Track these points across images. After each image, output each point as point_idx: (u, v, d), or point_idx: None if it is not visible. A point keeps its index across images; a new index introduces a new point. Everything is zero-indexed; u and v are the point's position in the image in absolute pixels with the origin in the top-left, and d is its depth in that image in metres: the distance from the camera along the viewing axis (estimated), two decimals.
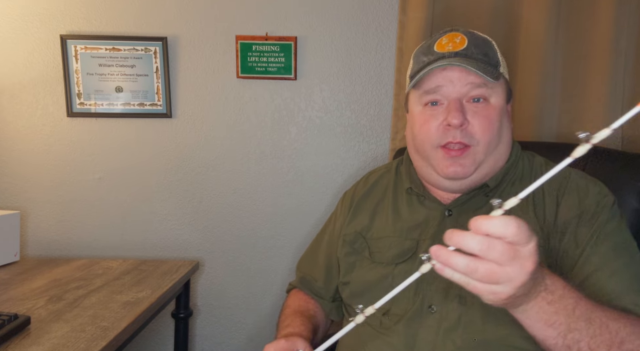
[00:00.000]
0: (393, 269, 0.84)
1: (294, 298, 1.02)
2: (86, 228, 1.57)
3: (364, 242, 0.92)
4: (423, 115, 0.84)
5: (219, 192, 1.56)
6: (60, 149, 1.54)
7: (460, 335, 0.75)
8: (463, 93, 0.80)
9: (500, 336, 0.74)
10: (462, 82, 0.80)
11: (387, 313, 0.82)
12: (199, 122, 1.54)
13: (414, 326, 0.78)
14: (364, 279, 0.88)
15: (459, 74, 0.79)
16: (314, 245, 1.07)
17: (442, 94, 0.81)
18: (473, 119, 0.80)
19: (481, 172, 0.82)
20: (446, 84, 0.80)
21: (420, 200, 0.90)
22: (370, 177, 1.02)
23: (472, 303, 0.76)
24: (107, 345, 0.89)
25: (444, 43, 0.83)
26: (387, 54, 1.50)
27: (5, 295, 1.13)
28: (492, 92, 0.81)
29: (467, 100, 0.81)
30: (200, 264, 1.58)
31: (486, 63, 0.81)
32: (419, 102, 0.85)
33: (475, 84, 0.80)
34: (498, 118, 0.81)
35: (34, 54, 1.51)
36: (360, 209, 0.97)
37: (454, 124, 0.78)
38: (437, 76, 0.81)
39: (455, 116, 0.78)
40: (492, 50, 0.84)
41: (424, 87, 0.83)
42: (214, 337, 1.61)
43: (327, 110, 1.53)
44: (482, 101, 0.81)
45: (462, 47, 0.81)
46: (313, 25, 1.50)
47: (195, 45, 1.51)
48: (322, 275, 1.01)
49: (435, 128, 0.81)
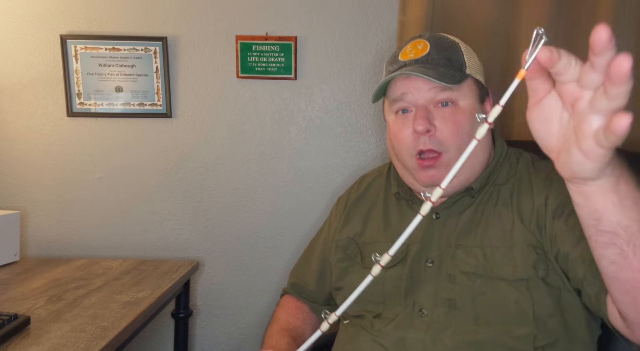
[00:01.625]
0: (384, 274, 0.84)
1: (284, 312, 1.03)
2: (86, 228, 1.57)
3: (356, 248, 0.92)
4: (396, 124, 0.85)
5: (219, 192, 1.56)
6: (60, 149, 1.54)
7: (450, 335, 0.76)
8: (428, 99, 0.81)
9: (492, 337, 0.75)
10: (425, 87, 0.80)
11: (378, 316, 0.83)
12: (199, 122, 1.54)
13: (404, 327, 0.79)
14: (356, 284, 0.88)
15: (422, 80, 0.80)
16: (308, 251, 1.08)
17: (409, 101, 0.82)
18: (441, 125, 0.80)
19: (460, 176, 0.81)
20: (410, 90, 0.81)
21: (409, 204, 0.90)
22: (363, 182, 1.03)
23: (463, 306, 0.77)
24: (107, 345, 0.89)
25: (408, 51, 0.85)
26: (387, 54, 1.49)
27: (5, 295, 1.13)
28: (459, 95, 0.81)
29: (435, 105, 0.81)
30: (200, 264, 1.58)
31: (448, 67, 0.81)
32: (391, 111, 0.86)
33: (439, 88, 0.80)
34: (468, 120, 0.81)
35: (34, 54, 1.51)
36: (353, 215, 0.98)
37: (419, 131, 0.79)
38: (402, 84, 0.82)
39: (419, 123, 0.78)
40: (456, 53, 0.83)
41: (391, 95, 0.84)
42: (214, 337, 1.61)
43: (327, 110, 1.53)
44: (450, 104, 0.81)
45: (423, 54, 0.82)
46: (313, 25, 1.50)
47: (195, 45, 1.51)
48: (314, 281, 1.02)
49: (408, 137, 0.82)
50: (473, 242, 0.80)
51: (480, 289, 0.76)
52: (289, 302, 1.05)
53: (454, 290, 0.78)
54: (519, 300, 0.74)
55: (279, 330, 0.96)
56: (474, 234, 0.81)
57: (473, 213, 0.83)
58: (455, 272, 0.79)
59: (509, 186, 0.84)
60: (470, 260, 0.78)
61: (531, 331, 0.74)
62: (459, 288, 0.77)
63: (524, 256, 0.76)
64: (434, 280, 0.80)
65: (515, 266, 0.75)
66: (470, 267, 0.78)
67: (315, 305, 1.02)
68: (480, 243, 0.79)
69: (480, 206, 0.83)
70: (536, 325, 0.74)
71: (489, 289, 0.76)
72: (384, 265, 0.61)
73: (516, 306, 0.74)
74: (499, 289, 0.75)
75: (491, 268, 0.77)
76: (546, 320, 0.74)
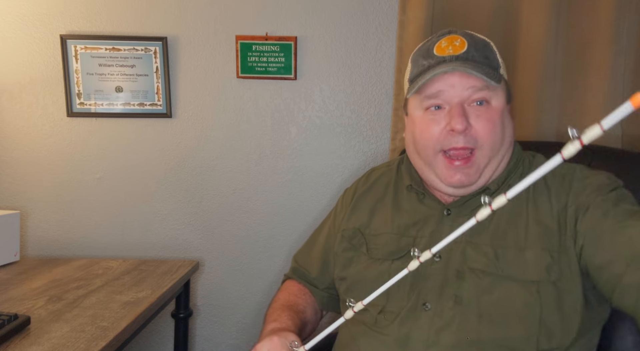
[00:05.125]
0: (389, 265, 0.85)
1: (285, 292, 1.02)
2: (86, 228, 1.57)
3: (362, 238, 0.92)
4: (424, 120, 0.83)
5: (219, 192, 1.56)
6: (60, 149, 1.54)
7: (453, 332, 0.75)
8: (465, 97, 0.80)
9: (496, 338, 0.74)
10: (464, 85, 0.79)
11: (382, 311, 0.82)
12: (198, 122, 1.54)
13: (407, 324, 0.78)
14: (361, 275, 0.88)
15: (460, 78, 0.79)
16: (312, 238, 1.07)
17: (444, 99, 0.80)
18: (476, 123, 0.79)
19: (485, 176, 0.82)
20: (447, 88, 0.80)
21: (420, 198, 0.90)
22: (372, 175, 1.02)
23: (468, 303, 0.76)
24: (107, 345, 0.89)
25: (444, 46, 0.82)
26: (387, 54, 1.50)
27: (5, 295, 1.13)
28: (493, 95, 0.81)
29: (469, 104, 0.80)
30: (200, 264, 1.58)
31: (487, 66, 0.80)
32: (420, 107, 0.84)
33: (476, 87, 0.79)
34: (500, 120, 0.81)
35: (34, 54, 1.51)
36: (360, 206, 0.97)
37: (458, 129, 0.77)
38: (439, 81, 0.80)
39: (459, 121, 0.77)
40: (492, 52, 0.83)
41: (425, 92, 0.82)
42: (214, 337, 1.61)
43: (327, 110, 1.53)
44: (484, 104, 0.80)
45: (463, 50, 0.81)
46: (313, 25, 1.50)
47: (195, 45, 1.51)
48: (317, 269, 1.02)
49: (437, 133, 0.81)
50: (484, 240, 0.79)
51: (488, 287, 0.75)
52: (290, 285, 1.04)
53: (461, 286, 0.77)
54: (527, 301, 0.73)
55: (279, 307, 0.95)
56: (486, 233, 0.80)
57: None
58: (464, 269, 0.78)
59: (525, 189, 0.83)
60: (481, 258, 0.78)
61: (535, 334, 0.73)
62: (467, 284, 0.77)
63: (537, 259, 0.75)
64: (440, 275, 0.80)
65: (527, 268, 0.74)
66: (480, 264, 0.77)
67: (315, 290, 1.01)
68: (492, 242, 0.79)
69: None
70: (541, 328, 0.73)
71: (497, 288, 0.75)
72: (422, 261, 0.60)
73: (523, 307, 0.74)
74: (508, 289, 0.75)
75: (502, 267, 0.76)
76: (552, 324, 0.74)
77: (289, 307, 0.95)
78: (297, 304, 0.97)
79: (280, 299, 0.99)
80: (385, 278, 0.83)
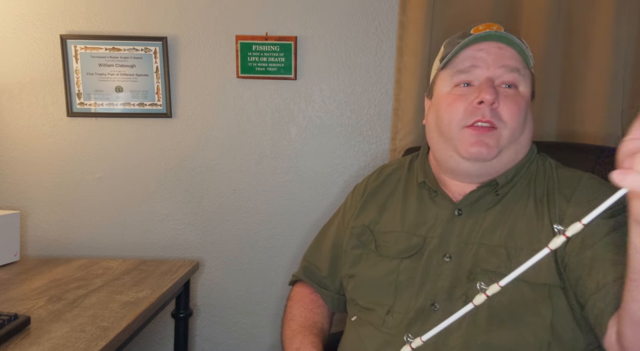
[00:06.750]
0: (399, 264, 0.84)
1: (300, 307, 0.99)
2: (86, 228, 1.57)
3: (370, 235, 0.91)
4: (452, 95, 0.83)
5: (219, 192, 1.56)
6: (60, 149, 1.54)
7: (462, 335, 0.74)
8: (496, 76, 0.80)
9: (506, 341, 0.73)
10: (497, 63, 0.80)
11: (390, 311, 0.82)
12: (198, 122, 1.54)
13: (416, 326, 0.77)
14: (369, 273, 0.88)
15: (495, 51, 0.79)
16: (321, 235, 1.06)
17: (475, 75, 0.81)
18: (503, 102, 0.79)
19: (501, 159, 0.81)
20: (480, 64, 0.80)
21: (432, 196, 0.89)
22: (383, 171, 1.01)
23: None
24: (107, 345, 0.89)
25: (481, 28, 0.83)
26: (387, 54, 1.50)
27: (5, 295, 1.13)
28: (522, 80, 0.81)
29: (499, 84, 0.80)
30: (200, 264, 1.58)
31: (522, 47, 0.81)
32: (450, 83, 0.84)
33: (509, 68, 0.79)
34: (525, 107, 0.81)
35: (34, 54, 1.51)
36: (370, 203, 0.96)
37: (487, 100, 0.77)
38: (472, 55, 0.81)
39: (488, 92, 0.77)
40: (525, 45, 0.84)
41: (457, 65, 0.82)
42: (214, 337, 1.61)
43: (327, 110, 1.53)
44: (513, 87, 0.81)
45: (501, 30, 0.81)
46: (313, 25, 1.50)
47: (195, 45, 1.51)
48: (326, 265, 1.00)
49: (464, 108, 0.80)
50: (497, 241, 0.78)
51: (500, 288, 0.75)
52: (302, 296, 1.02)
53: (472, 287, 0.76)
54: (538, 304, 0.73)
55: (299, 329, 0.93)
56: (499, 234, 0.79)
57: (500, 213, 0.82)
58: (476, 270, 0.77)
59: (541, 188, 0.82)
60: (493, 259, 0.77)
61: (546, 339, 0.72)
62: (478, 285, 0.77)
63: (549, 262, 0.74)
64: (451, 275, 0.79)
65: (540, 270, 0.73)
66: (492, 266, 0.76)
67: (327, 293, 1.00)
68: (505, 243, 0.78)
69: (509, 205, 0.82)
70: (552, 332, 0.72)
71: (508, 290, 0.74)
72: (489, 295, 0.58)
73: (535, 310, 0.73)
74: (519, 290, 0.73)
75: (514, 267, 0.75)
76: (562, 329, 0.73)
77: (309, 329, 0.93)
78: (315, 322, 0.95)
79: (297, 317, 0.96)
80: (394, 277, 0.83)
